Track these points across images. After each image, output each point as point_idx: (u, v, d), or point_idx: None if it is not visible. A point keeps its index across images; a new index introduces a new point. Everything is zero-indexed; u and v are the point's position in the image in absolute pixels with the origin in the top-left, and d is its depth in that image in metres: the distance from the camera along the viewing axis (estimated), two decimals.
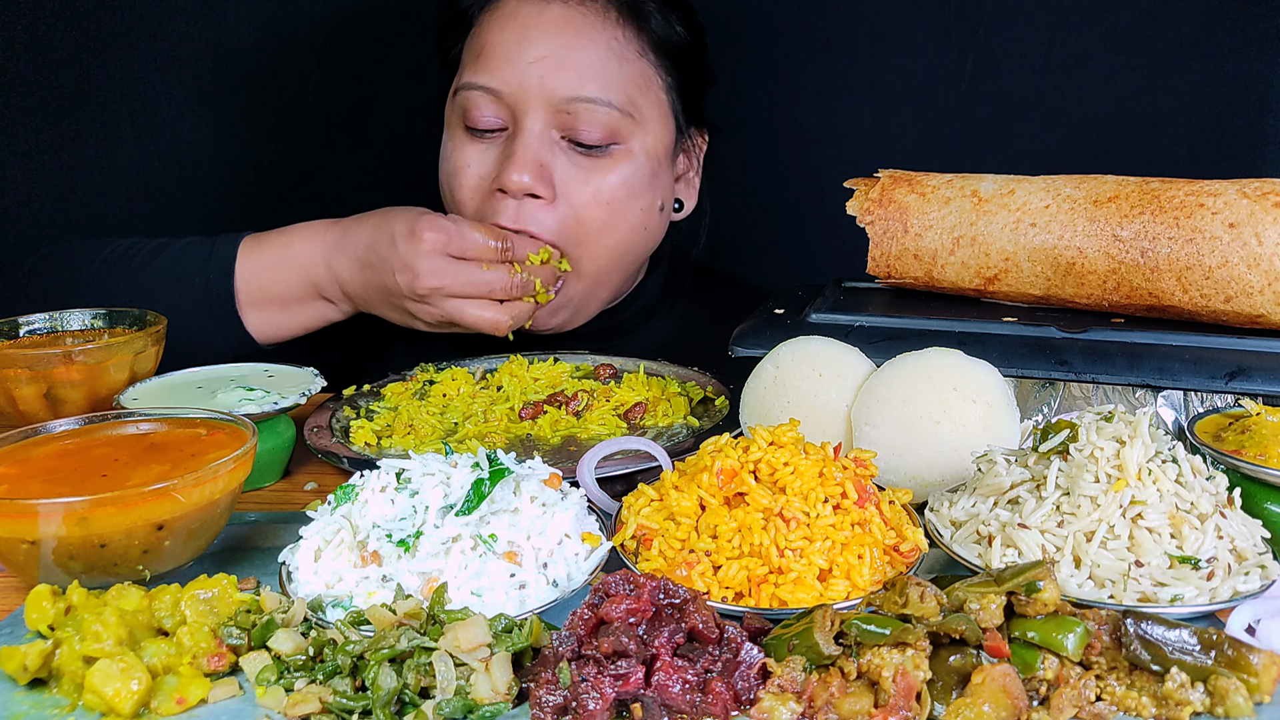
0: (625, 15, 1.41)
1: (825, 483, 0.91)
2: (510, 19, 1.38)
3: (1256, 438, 0.96)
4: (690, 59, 1.49)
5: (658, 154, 1.44)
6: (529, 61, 1.35)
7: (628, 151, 1.40)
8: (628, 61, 1.39)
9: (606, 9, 1.40)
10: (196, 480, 0.90)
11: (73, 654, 0.77)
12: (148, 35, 1.92)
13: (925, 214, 1.23)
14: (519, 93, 1.36)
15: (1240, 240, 1.07)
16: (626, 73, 1.39)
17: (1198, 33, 1.77)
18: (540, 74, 1.35)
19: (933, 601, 0.76)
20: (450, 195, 1.45)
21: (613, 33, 1.39)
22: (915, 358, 1.07)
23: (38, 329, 1.31)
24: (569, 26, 1.37)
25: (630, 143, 1.40)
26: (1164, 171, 1.17)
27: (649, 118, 1.42)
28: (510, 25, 1.38)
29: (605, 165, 1.39)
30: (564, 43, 1.36)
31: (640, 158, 1.42)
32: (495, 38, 1.38)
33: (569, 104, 1.35)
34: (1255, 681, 0.73)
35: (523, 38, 1.36)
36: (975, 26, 1.84)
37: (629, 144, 1.40)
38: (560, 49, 1.36)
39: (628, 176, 1.40)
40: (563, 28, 1.37)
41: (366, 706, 0.74)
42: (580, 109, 1.35)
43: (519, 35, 1.36)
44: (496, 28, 1.39)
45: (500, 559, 0.86)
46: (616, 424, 1.26)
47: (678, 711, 0.73)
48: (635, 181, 1.41)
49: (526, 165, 1.34)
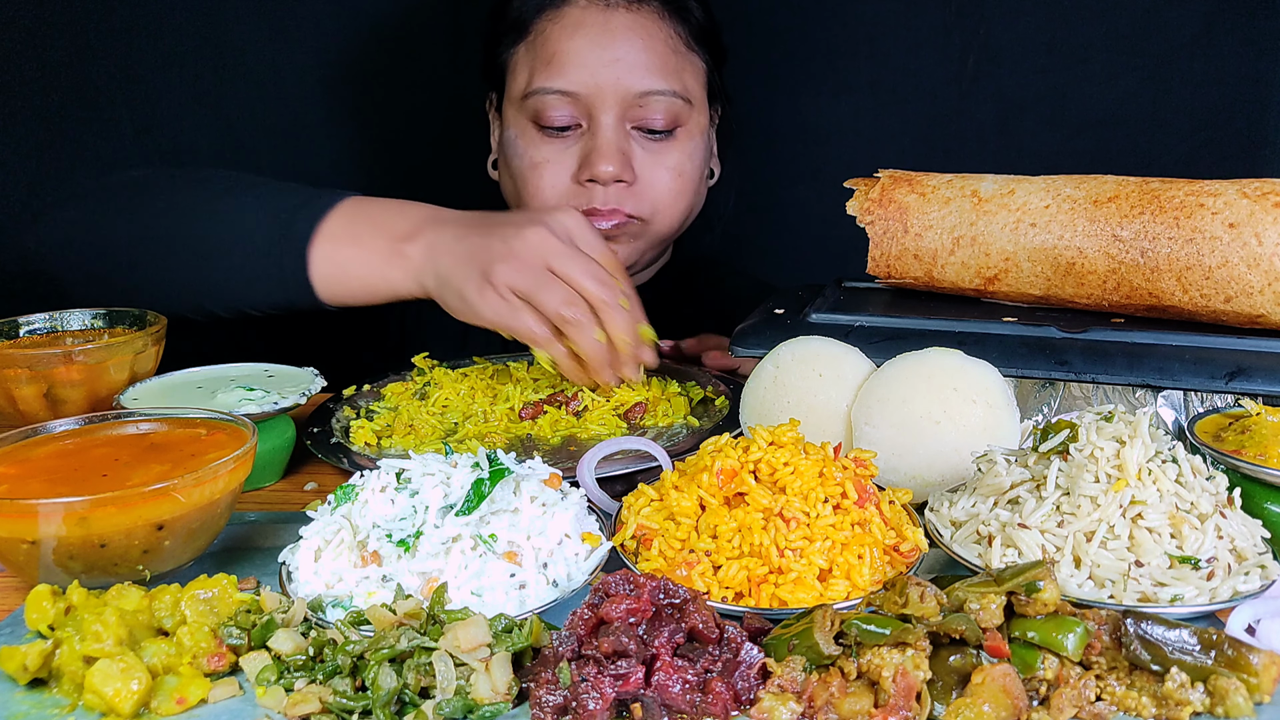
0: (672, 14, 1.57)
1: (825, 483, 0.91)
2: (578, 27, 1.53)
3: (1256, 438, 0.96)
4: (716, 41, 1.66)
5: (706, 130, 1.64)
6: (604, 65, 1.51)
7: (688, 132, 1.59)
8: (681, 54, 1.57)
9: (660, 10, 1.56)
10: (196, 480, 0.90)
11: (73, 654, 0.77)
12: (148, 35, 1.92)
13: (925, 214, 1.23)
14: (595, 93, 1.51)
15: (1240, 240, 1.07)
16: (681, 64, 1.57)
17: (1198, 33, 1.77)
18: (616, 74, 1.51)
19: (933, 601, 0.76)
20: (530, 188, 1.57)
21: (668, 30, 1.56)
22: (915, 358, 1.07)
23: (38, 329, 1.31)
24: (633, 30, 1.53)
25: (689, 124, 1.58)
26: (1164, 171, 1.17)
27: (699, 100, 1.61)
28: (579, 33, 1.52)
29: (672, 146, 1.57)
30: (632, 44, 1.52)
31: (697, 135, 1.61)
32: (566, 45, 1.52)
33: (641, 98, 1.52)
34: (1255, 681, 0.73)
35: (594, 43, 1.51)
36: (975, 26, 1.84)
37: (688, 125, 1.58)
38: (629, 50, 1.52)
39: (691, 152, 1.59)
40: (629, 31, 1.53)
41: (366, 706, 0.74)
42: (650, 101, 1.52)
43: (590, 41, 1.52)
44: (565, 35, 1.53)
45: (500, 559, 0.86)
46: (616, 424, 1.26)
47: (678, 711, 0.73)
48: (697, 156, 1.61)
49: (613, 157, 1.51)
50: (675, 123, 1.55)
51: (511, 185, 1.62)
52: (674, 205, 1.59)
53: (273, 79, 1.96)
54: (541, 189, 1.56)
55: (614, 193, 1.53)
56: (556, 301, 1.17)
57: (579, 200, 1.54)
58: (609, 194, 1.53)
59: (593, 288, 1.18)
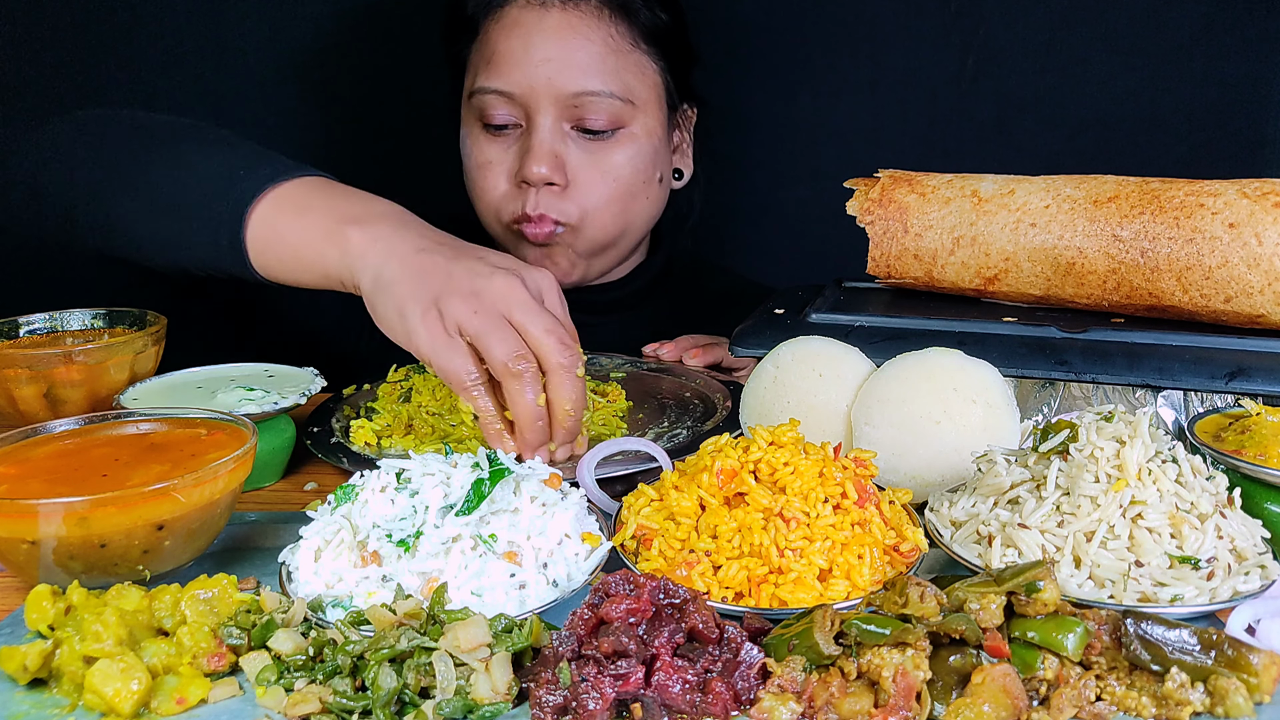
0: (616, 12, 1.54)
1: (825, 483, 0.91)
2: (514, 26, 1.51)
3: (1256, 438, 0.96)
4: (675, 41, 1.63)
5: (656, 133, 1.60)
6: (536, 64, 1.49)
7: (630, 134, 1.55)
8: (623, 54, 1.54)
9: (599, 9, 1.53)
10: (196, 480, 0.90)
11: (73, 654, 0.77)
12: (148, 35, 1.92)
13: (925, 214, 1.23)
14: (530, 93, 1.50)
15: (1240, 240, 1.07)
16: (623, 64, 1.53)
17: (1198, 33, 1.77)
18: (548, 74, 1.49)
19: (933, 601, 0.76)
20: (477, 189, 1.59)
21: (607, 30, 1.53)
22: (915, 358, 1.07)
23: (38, 329, 1.31)
24: (568, 29, 1.50)
25: (632, 125, 1.55)
26: (1164, 171, 1.17)
27: (646, 101, 1.57)
28: (515, 32, 1.51)
29: (611, 147, 1.55)
30: (565, 44, 1.50)
31: (642, 138, 1.57)
32: (503, 45, 1.51)
33: (576, 98, 1.50)
34: (1255, 681, 0.73)
35: (528, 43, 1.50)
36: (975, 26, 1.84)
37: (631, 127, 1.55)
38: (563, 50, 1.49)
39: (632, 155, 1.56)
40: (563, 31, 1.50)
41: (366, 706, 0.74)
42: (586, 101, 1.50)
43: (524, 41, 1.50)
44: (503, 35, 1.52)
45: (500, 559, 0.86)
46: (617, 424, 1.26)
47: (678, 711, 0.73)
48: (639, 159, 1.57)
49: (543, 157, 1.50)
50: (616, 123, 1.53)
51: (468, 184, 1.63)
52: (605, 209, 1.55)
53: (273, 79, 1.96)
54: (485, 190, 1.56)
55: (545, 197, 1.51)
56: (506, 351, 1.04)
57: (515, 204, 1.53)
58: (540, 197, 1.51)
59: (552, 348, 1.05)
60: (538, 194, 1.51)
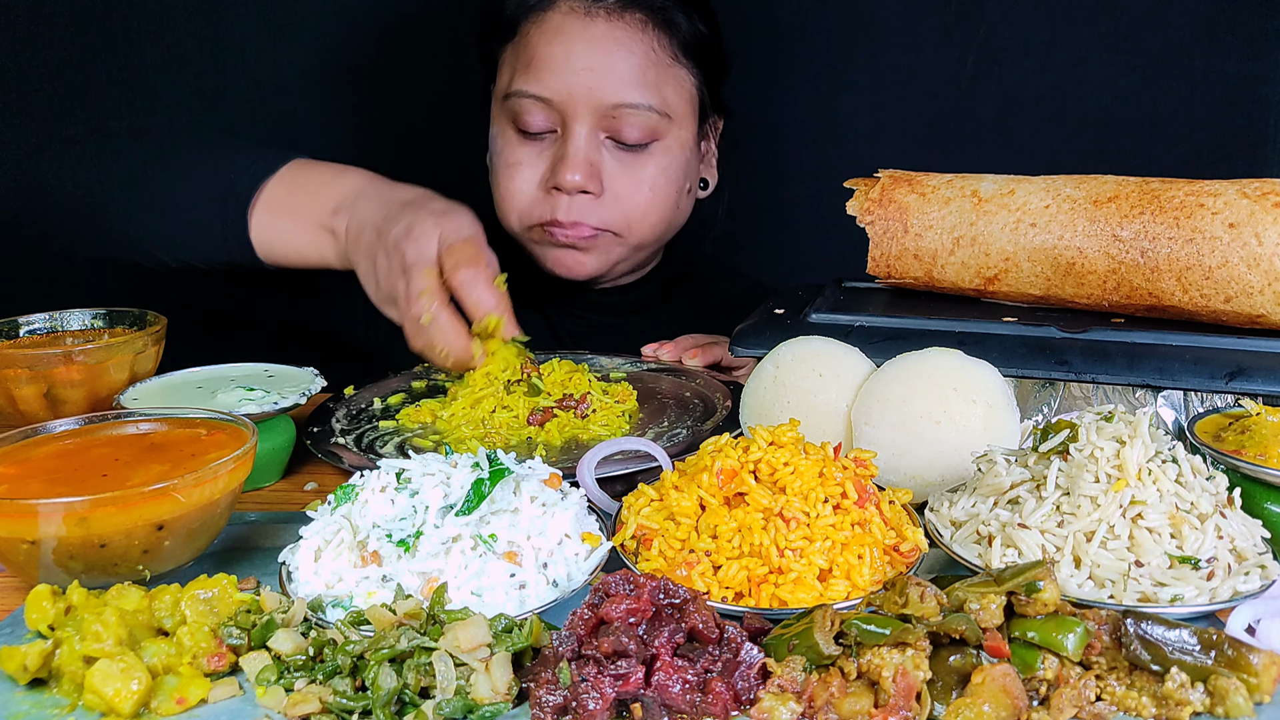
0: (658, 25, 1.53)
1: (825, 483, 0.91)
2: (557, 33, 1.50)
3: (1256, 438, 0.96)
4: (712, 53, 1.62)
5: (688, 145, 1.60)
6: (577, 72, 1.48)
7: (665, 146, 1.55)
8: (663, 67, 1.53)
9: (644, 21, 1.52)
10: (196, 480, 0.90)
11: (73, 654, 0.77)
12: (148, 35, 1.92)
13: (925, 214, 1.23)
14: (568, 100, 1.49)
15: (1240, 240, 1.07)
16: (662, 77, 1.53)
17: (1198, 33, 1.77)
18: (588, 84, 1.48)
19: (933, 601, 0.76)
20: (503, 189, 1.58)
21: (650, 42, 1.52)
22: (915, 358, 1.07)
23: (38, 329, 1.32)
24: (612, 40, 1.50)
25: (667, 138, 1.55)
26: (1164, 171, 1.17)
27: (681, 114, 1.56)
28: (558, 39, 1.50)
29: (645, 160, 1.54)
30: (608, 55, 1.49)
31: (675, 150, 1.57)
32: (544, 50, 1.50)
33: (614, 110, 1.49)
34: (1255, 681, 0.73)
35: (570, 50, 1.49)
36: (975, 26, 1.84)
37: (666, 139, 1.55)
38: (605, 60, 1.49)
39: (666, 166, 1.56)
40: (606, 41, 1.49)
41: (366, 706, 0.74)
42: (624, 114, 1.49)
43: (566, 48, 1.49)
44: (544, 40, 1.51)
45: (500, 559, 0.86)
46: (619, 425, 1.26)
47: (678, 711, 0.73)
48: (672, 171, 1.57)
49: (579, 165, 1.49)
50: (651, 136, 1.53)
51: (492, 183, 1.62)
52: (645, 219, 1.56)
53: (272, 79, 1.96)
54: (511, 191, 1.56)
55: (578, 204, 1.51)
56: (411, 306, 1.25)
57: (544, 209, 1.53)
58: (573, 205, 1.51)
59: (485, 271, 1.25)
60: (570, 201, 1.51)
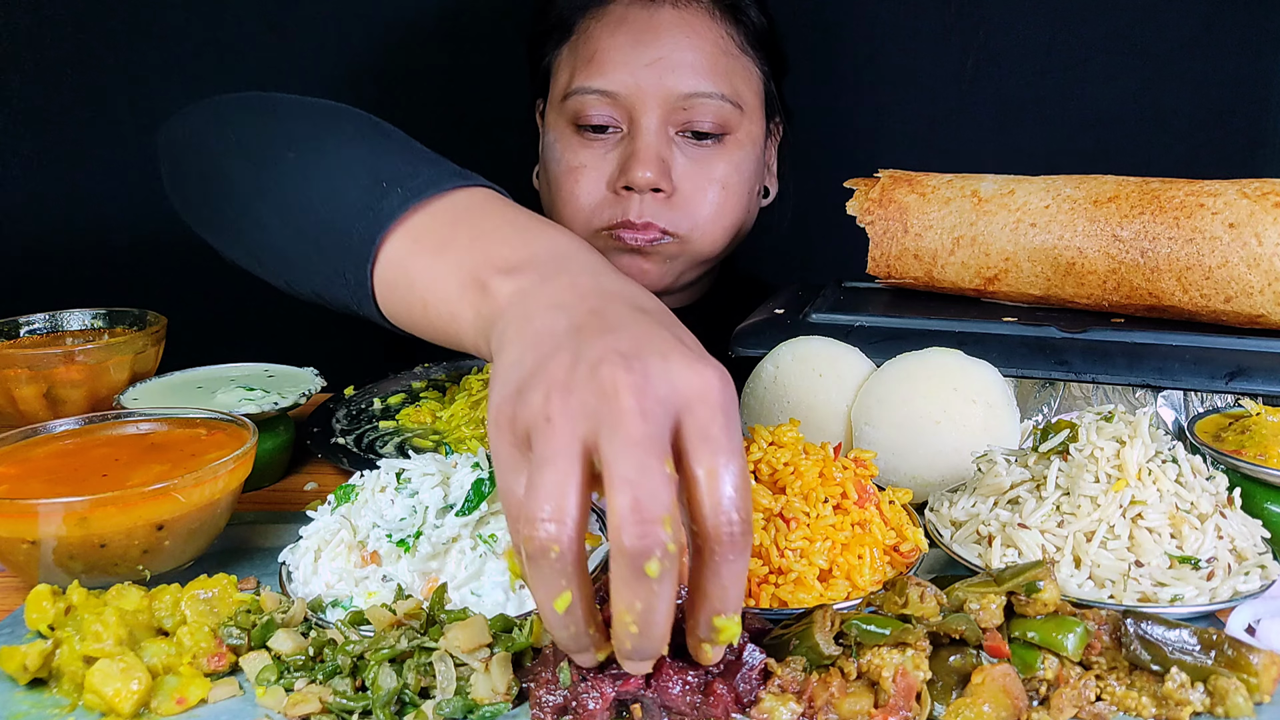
0: (725, 12, 1.48)
1: (825, 483, 0.91)
2: (620, 24, 1.44)
3: (1256, 438, 0.96)
4: (775, 48, 1.58)
5: (759, 141, 1.53)
6: (645, 64, 1.41)
7: (737, 140, 1.48)
8: (732, 56, 1.47)
9: (711, 9, 1.47)
10: (196, 480, 0.90)
11: (73, 654, 0.77)
12: (148, 35, 1.92)
13: (925, 214, 1.23)
14: (636, 94, 1.42)
15: (1240, 240, 1.07)
16: (732, 66, 1.47)
17: (1198, 33, 1.77)
18: (658, 74, 1.41)
19: (933, 601, 0.76)
20: (565, 194, 1.49)
21: (718, 30, 1.47)
22: (915, 358, 1.07)
23: (38, 329, 1.32)
24: (680, 27, 1.43)
25: (738, 132, 1.48)
26: (1164, 171, 1.17)
27: (751, 107, 1.50)
28: (621, 30, 1.43)
29: (718, 154, 1.47)
30: (677, 43, 1.42)
31: (747, 145, 1.50)
32: (607, 42, 1.44)
33: (685, 100, 1.42)
34: (1255, 681, 0.73)
35: (637, 41, 1.42)
36: (975, 27, 1.84)
37: (737, 133, 1.48)
38: (674, 50, 1.42)
39: (739, 163, 1.48)
40: (674, 29, 1.43)
41: (366, 706, 0.74)
42: (696, 103, 1.42)
43: (633, 39, 1.42)
44: (606, 33, 1.45)
45: (500, 559, 0.86)
46: None
47: (678, 713, 0.73)
48: (745, 168, 1.50)
49: (650, 162, 1.41)
50: (724, 128, 1.45)
51: (548, 192, 1.54)
52: (716, 221, 1.48)
53: (273, 80, 1.96)
54: (576, 195, 1.47)
55: (649, 204, 1.43)
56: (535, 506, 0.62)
57: (614, 210, 1.45)
58: (644, 205, 1.43)
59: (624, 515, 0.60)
60: (642, 201, 1.43)
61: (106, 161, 1.97)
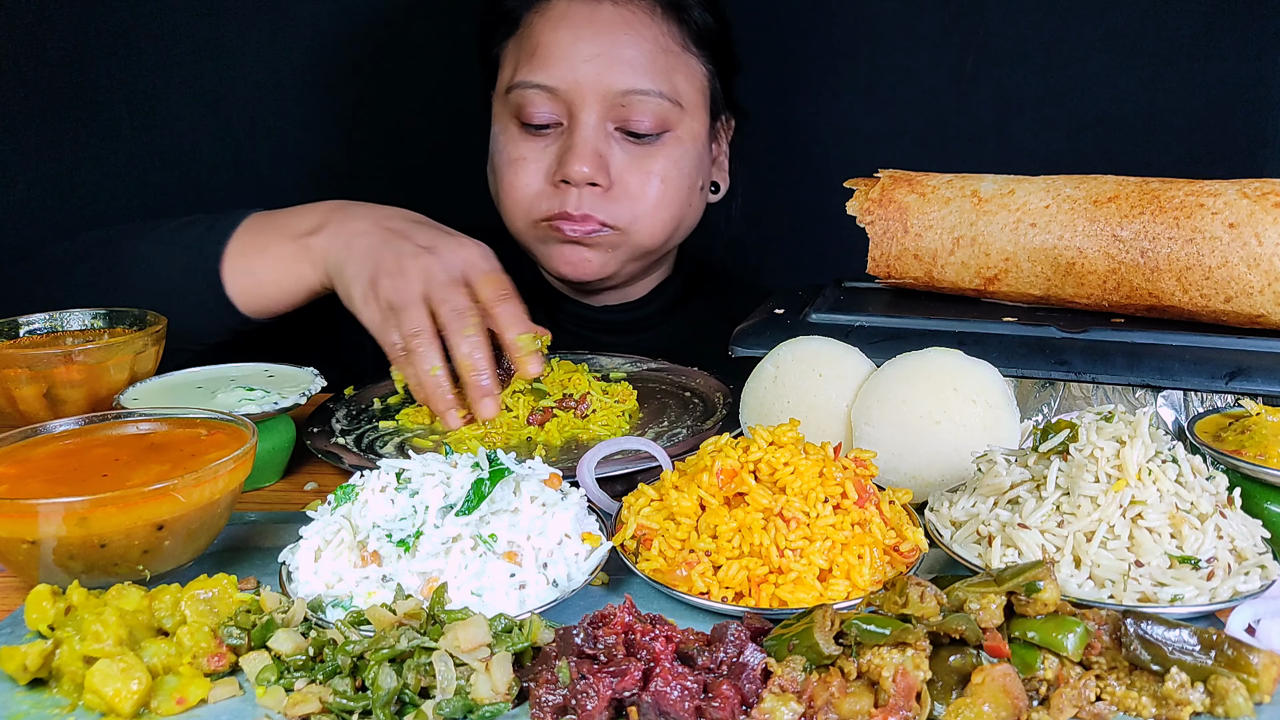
0: (668, 11, 1.50)
1: (825, 483, 0.91)
2: (562, 19, 1.47)
3: (1256, 438, 0.96)
4: (723, 47, 1.59)
5: (701, 138, 1.56)
6: (584, 59, 1.44)
7: (677, 138, 1.51)
8: (673, 54, 1.50)
9: (652, 7, 1.49)
10: (196, 480, 0.90)
11: (73, 654, 0.77)
12: (147, 35, 1.92)
13: (925, 214, 1.23)
14: (575, 89, 1.45)
15: (1240, 240, 1.07)
16: (673, 64, 1.49)
17: (1198, 33, 1.77)
18: (596, 70, 1.44)
19: (933, 601, 0.76)
20: (506, 185, 1.53)
21: (659, 28, 1.49)
22: (915, 358, 1.07)
23: (38, 329, 1.31)
24: (620, 24, 1.46)
25: (679, 129, 1.51)
26: (1164, 171, 1.17)
27: (693, 105, 1.53)
28: (563, 25, 1.46)
29: (657, 151, 1.50)
30: (616, 40, 1.45)
31: (687, 142, 1.52)
32: (548, 37, 1.47)
33: (623, 97, 1.45)
34: (1255, 681, 0.73)
35: (576, 37, 1.45)
36: (975, 26, 1.84)
37: (677, 131, 1.51)
38: (613, 46, 1.45)
39: (678, 159, 1.51)
40: (614, 26, 1.46)
41: (366, 706, 0.74)
42: (634, 101, 1.45)
43: (573, 35, 1.45)
44: (548, 28, 1.47)
45: (500, 559, 0.86)
46: (619, 425, 1.26)
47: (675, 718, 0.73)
48: (684, 164, 1.52)
49: (587, 157, 1.44)
50: (663, 126, 1.48)
51: (493, 181, 1.58)
52: (655, 214, 1.51)
53: (272, 79, 1.96)
54: (516, 186, 1.51)
55: (588, 197, 1.46)
56: (406, 328, 1.18)
57: (552, 202, 1.48)
58: (582, 198, 1.46)
59: (447, 318, 1.18)
60: (580, 194, 1.46)
61: (104, 160, 1.97)
